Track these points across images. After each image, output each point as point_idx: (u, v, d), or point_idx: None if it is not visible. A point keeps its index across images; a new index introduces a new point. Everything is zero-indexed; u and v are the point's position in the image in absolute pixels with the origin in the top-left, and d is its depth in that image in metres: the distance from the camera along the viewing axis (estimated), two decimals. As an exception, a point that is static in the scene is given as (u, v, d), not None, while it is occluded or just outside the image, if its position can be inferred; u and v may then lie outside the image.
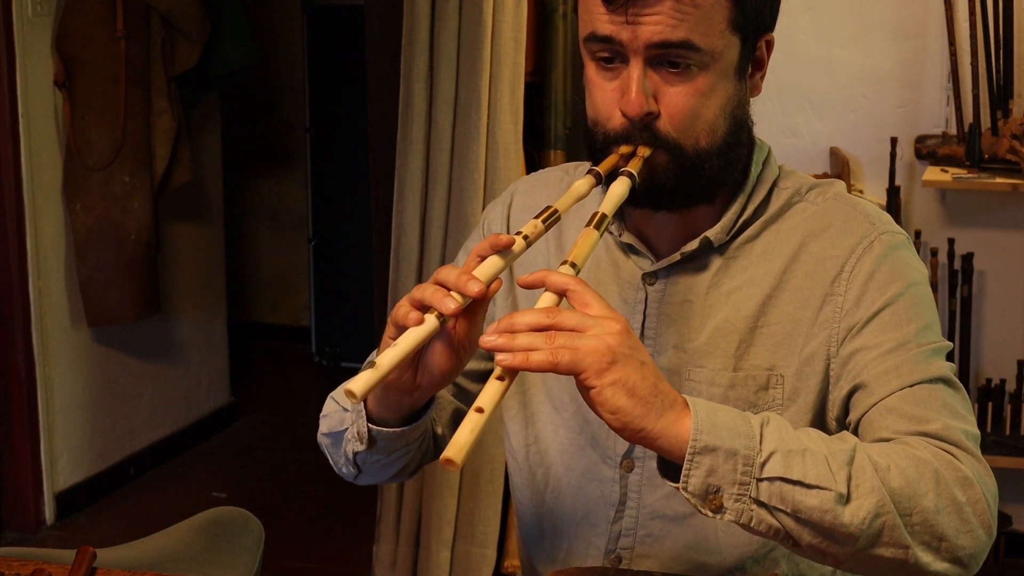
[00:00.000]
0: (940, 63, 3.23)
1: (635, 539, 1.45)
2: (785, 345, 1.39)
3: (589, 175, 1.33)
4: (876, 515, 1.19)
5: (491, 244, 1.24)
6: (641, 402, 1.18)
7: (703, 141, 1.35)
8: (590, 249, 1.26)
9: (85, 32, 3.62)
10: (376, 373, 1.16)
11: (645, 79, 1.31)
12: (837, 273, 1.38)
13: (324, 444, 1.53)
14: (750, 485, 1.19)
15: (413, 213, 3.02)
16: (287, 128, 5.36)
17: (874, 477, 1.20)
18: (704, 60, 1.31)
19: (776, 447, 1.20)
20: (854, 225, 1.40)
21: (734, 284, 1.42)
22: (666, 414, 1.19)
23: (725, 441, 1.19)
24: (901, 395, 1.30)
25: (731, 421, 1.20)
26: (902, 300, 1.35)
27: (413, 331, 1.20)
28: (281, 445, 4.43)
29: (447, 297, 1.20)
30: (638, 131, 1.33)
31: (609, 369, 1.17)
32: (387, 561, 3.20)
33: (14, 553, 1.55)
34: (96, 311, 3.77)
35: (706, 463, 1.18)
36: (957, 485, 1.23)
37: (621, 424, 1.18)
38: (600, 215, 1.28)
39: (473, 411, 1.13)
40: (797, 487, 1.19)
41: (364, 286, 3.91)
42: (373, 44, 3.19)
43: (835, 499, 1.19)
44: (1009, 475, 3.25)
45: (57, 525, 3.75)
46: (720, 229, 1.41)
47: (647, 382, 1.18)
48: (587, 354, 1.16)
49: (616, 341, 1.17)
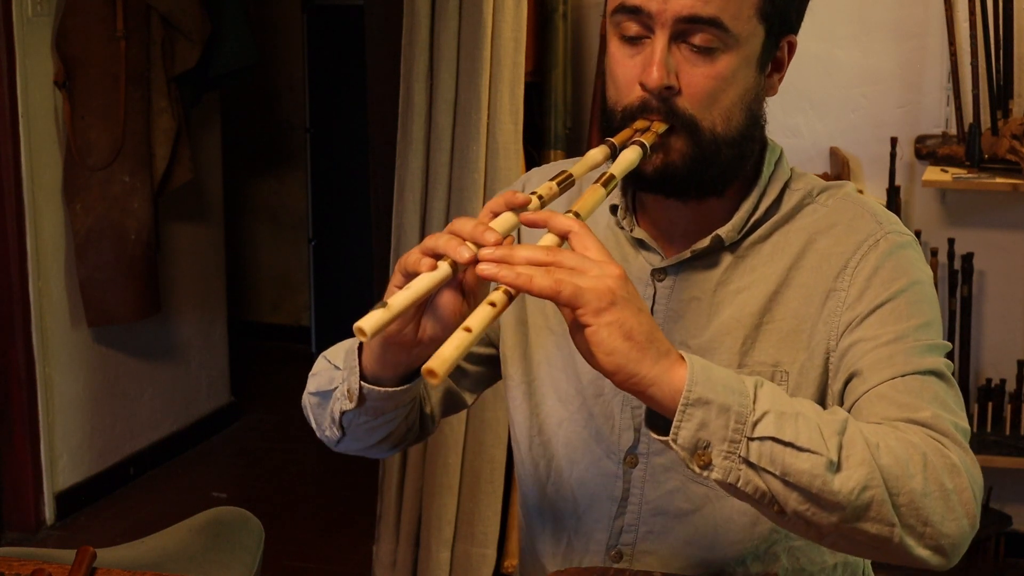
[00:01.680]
0: (940, 63, 3.23)
1: (637, 535, 1.45)
2: (790, 341, 1.39)
3: (603, 145, 1.33)
4: (865, 487, 1.18)
5: (506, 201, 1.23)
6: (637, 346, 1.17)
7: (719, 126, 1.35)
8: (595, 204, 1.26)
9: (85, 32, 3.62)
10: (387, 312, 1.14)
11: (668, 55, 1.32)
12: (841, 268, 1.38)
13: (310, 404, 1.50)
14: (740, 444, 1.18)
15: (413, 213, 3.02)
16: (287, 128, 5.36)
17: (865, 450, 1.19)
18: (729, 43, 1.32)
19: (770, 407, 1.19)
20: (861, 223, 1.40)
21: (743, 283, 1.42)
22: (661, 361, 1.18)
23: (719, 395, 1.18)
24: (893, 383, 1.30)
25: (726, 378, 1.20)
26: (904, 296, 1.35)
27: (426, 276, 1.19)
28: (281, 445, 4.43)
29: (462, 246, 1.19)
30: (656, 106, 1.33)
31: (608, 309, 1.16)
32: (387, 561, 3.20)
33: (14, 553, 1.55)
34: (96, 311, 3.77)
35: (698, 416, 1.17)
36: (945, 471, 1.23)
37: (615, 366, 1.17)
38: (608, 175, 1.28)
39: (461, 329, 1.11)
40: (788, 449, 1.18)
41: (364, 286, 3.91)
42: (373, 44, 3.20)
43: (826, 465, 1.17)
44: (1009, 475, 3.25)
45: (57, 525, 3.75)
46: (732, 227, 1.41)
47: (643, 327, 1.18)
48: (588, 290, 1.16)
49: (616, 284, 1.17)
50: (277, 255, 5.54)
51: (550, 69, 3.17)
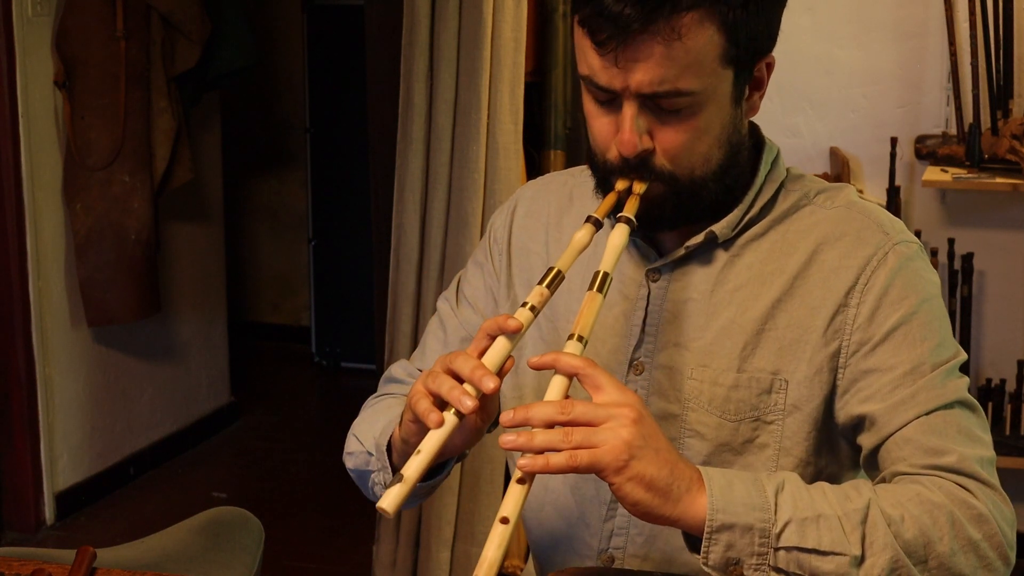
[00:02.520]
0: (940, 63, 3.23)
1: (627, 538, 1.46)
2: (792, 351, 1.39)
3: (588, 223, 1.35)
4: (891, 570, 1.23)
5: (499, 326, 1.27)
6: (659, 493, 1.22)
7: (698, 171, 1.36)
8: (596, 315, 1.28)
9: (85, 32, 3.62)
10: (405, 487, 1.22)
11: (639, 118, 1.33)
12: (851, 285, 1.38)
13: (352, 475, 1.56)
14: (768, 555, 1.23)
15: (413, 213, 3.02)
16: (287, 128, 5.36)
17: (887, 533, 1.24)
18: (698, 100, 1.32)
19: (791, 516, 1.23)
20: (868, 235, 1.40)
21: (739, 282, 1.42)
22: (683, 499, 1.23)
23: (741, 517, 1.23)
24: (917, 425, 1.33)
25: (746, 495, 1.24)
26: (916, 318, 1.36)
27: (434, 434, 1.25)
28: (281, 445, 4.43)
29: (464, 395, 1.24)
30: (633, 167, 1.35)
31: (627, 466, 1.20)
32: (387, 561, 3.20)
33: (14, 553, 1.55)
34: (96, 311, 3.77)
35: (724, 539, 1.23)
36: (972, 524, 1.27)
37: (641, 514, 1.23)
38: (602, 275, 1.30)
39: (498, 522, 1.17)
40: (812, 555, 1.23)
41: (364, 286, 3.91)
42: (373, 44, 3.19)
43: (849, 563, 1.23)
44: (1009, 475, 3.23)
45: (57, 525, 3.75)
46: (726, 224, 1.42)
47: (663, 472, 1.22)
48: (605, 453, 1.20)
49: (631, 434, 1.21)
50: (277, 255, 5.54)
51: (550, 69, 3.17)
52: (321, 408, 5.03)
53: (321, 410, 5.00)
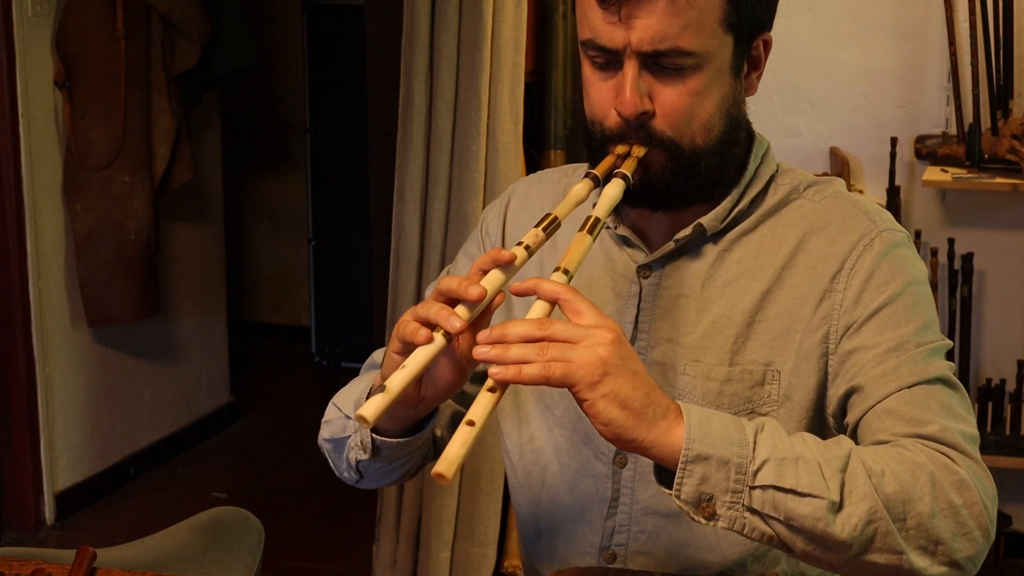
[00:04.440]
0: (940, 63, 3.23)
1: (629, 535, 1.45)
2: (782, 340, 1.39)
3: (587, 178, 1.34)
4: (868, 522, 1.20)
5: (492, 259, 1.25)
6: (633, 414, 1.19)
7: (699, 139, 1.36)
8: (583, 254, 1.27)
9: (85, 32, 3.62)
10: (387, 396, 1.17)
11: (639, 79, 1.32)
12: (837, 270, 1.38)
13: (326, 449, 1.54)
14: (743, 493, 1.20)
15: (413, 213, 3.02)
16: (287, 128, 5.36)
17: (867, 484, 1.21)
18: (698, 62, 1.32)
19: (769, 455, 1.20)
20: (855, 222, 1.40)
21: (730, 276, 1.42)
22: (658, 423, 1.20)
23: (718, 449, 1.19)
24: (899, 396, 1.31)
25: (724, 429, 1.21)
26: (901, 299, 1.36)
27: (421, 350, 1.21)
28: (281, 445, 4.43)
29: (452, 315, 1.21)
30: (633, 130, 1.34)
31: (601, 382, 1.18)
32: (387, 561, 3.20)
33: (14, 553, 1.55)
34: (96, 311, 3.77)
35: (698, 471, 1.19)
36: (953, 488, 1.24)
37: (613, 435, 1.19)
38: (594, 219, 1.29)
39: (464, 424, 1.14)
40: (789, 495, 1.20)
41: (364, 286, 3.91)
42: (373, 44, 3.20)
43: (827, 507, 1.19)
44: (1009, 475, 3.25)
45: (57, 525, 3.75)
46: (714, 216, 1.42)
47: (639, 392, 1.19)
48: (579, 367, 1.17)
49: (608, 352, 1.18)
50: (277, 255, 5.54)
51: (550, 69, 3.17)
52: (321, 408, 4.93)
53: (321, 410, 4.91)
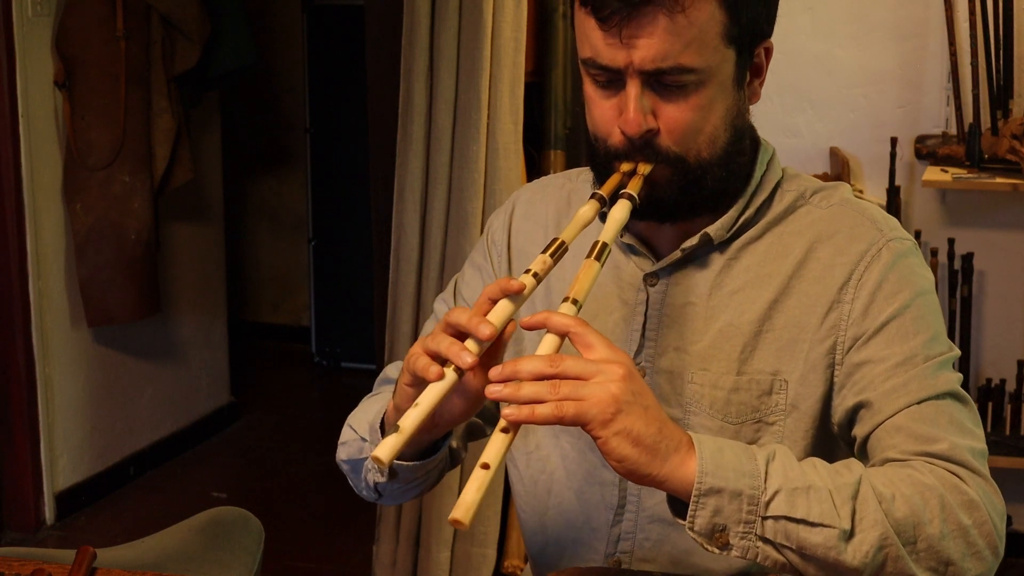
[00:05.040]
0: (940, 63, 3.23)
1: (634, 543, 1.45)
2: (790, 350, 1.39)
3: (593, 200, 1.34)
4: (879, 548, 1.21)
5: (502, 289, 1.25)
6: (646, 450, 1.19)
7: (705, 153, 1.36)
8: (591, 282, 1.27)
9: (85, 32, 3.62)
10: (401, 436, 1.18)
11: (642, 97, 1.32)
12: (845, 280, 1.38)
13: (344, 469, 1.54)
14: (755, 523, 1.21)
15: (413, 213, 3.02)
16: (287, 128, 5.36)
17: (878, 510, 1.22)
18: (701, 78, 1.32)
19: (781, 485, 1.22)
20: (862, 231, 1.40)
21: (737, 285, 1.42)
22: (671, 458, 1.21)
23: (730, 482, 1.21)
24: (908, 413, 1.32)
25: (736, 460, 1.22)
26: (909, 311, 1.36)
27: (433, 387, 1.22)
28: (281, 445, 4.43)
29: (463, 351, 1.22)
30: (638, 148, 1.34)
31: (614, 419, 1.18)
32: (387, 561, 3.20)
33: (14, 553, 1.55)
34: (96, 311, 3.77)
35: (711, 504, 1.21)
36: (963, 509, 1.25)
37: (627, 471, 1.20)
38: (601, 244, 1.29)
39: (479, 467, 1.15)
40: (801, 525, 1.21)
41: (364, 286, 3.91)
42: (373, 44, 3.19)
43: (839, 536, 1.21)
44: (1009, 475, 3.25)
45: (57, 525, 3.75)
46: (721, 226, 1.41)
47: (651, 428, 1.20)
48: (591, 405, 1.18)
49: (619, 389, 1.19)
50: (277, 255, 5.54)
51: (550, 69, 3.17)
52: (321, 408, 5.03)
53: (321, 410, 5.00)
